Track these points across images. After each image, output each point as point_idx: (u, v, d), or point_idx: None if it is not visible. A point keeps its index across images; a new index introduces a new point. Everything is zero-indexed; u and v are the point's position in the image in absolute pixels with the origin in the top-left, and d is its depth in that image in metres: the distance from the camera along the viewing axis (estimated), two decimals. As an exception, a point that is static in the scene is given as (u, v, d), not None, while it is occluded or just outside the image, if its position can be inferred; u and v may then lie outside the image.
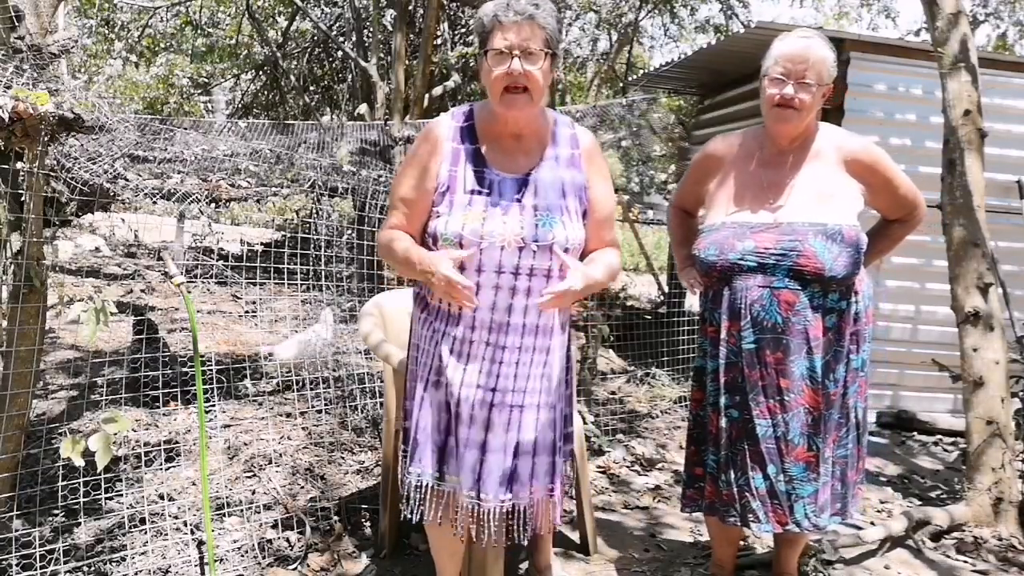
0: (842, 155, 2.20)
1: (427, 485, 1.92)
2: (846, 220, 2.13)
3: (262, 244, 9.57)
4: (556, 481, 1.97)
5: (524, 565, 2.58)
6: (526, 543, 1.91)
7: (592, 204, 1.96)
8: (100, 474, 2.25)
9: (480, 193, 1.84)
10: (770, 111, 2.18)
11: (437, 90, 9.25)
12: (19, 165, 2.14)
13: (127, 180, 2.88)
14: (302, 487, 2.94)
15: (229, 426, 3.48)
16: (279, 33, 11.26)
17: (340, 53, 10.41)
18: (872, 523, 3.09)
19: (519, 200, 1.85)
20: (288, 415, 3.63)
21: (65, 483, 2.44)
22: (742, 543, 2.72)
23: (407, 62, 8.71)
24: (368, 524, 2.81)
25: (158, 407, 3.54)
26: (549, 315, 1.90)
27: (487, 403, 1.87)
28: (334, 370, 3.99)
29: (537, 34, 1.77)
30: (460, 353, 1.87)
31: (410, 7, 9.07)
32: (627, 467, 3.68)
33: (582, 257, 1.96)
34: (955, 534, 3.02)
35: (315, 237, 4.25)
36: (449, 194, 1.86)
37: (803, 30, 2.23)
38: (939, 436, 4.57)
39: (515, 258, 1.82)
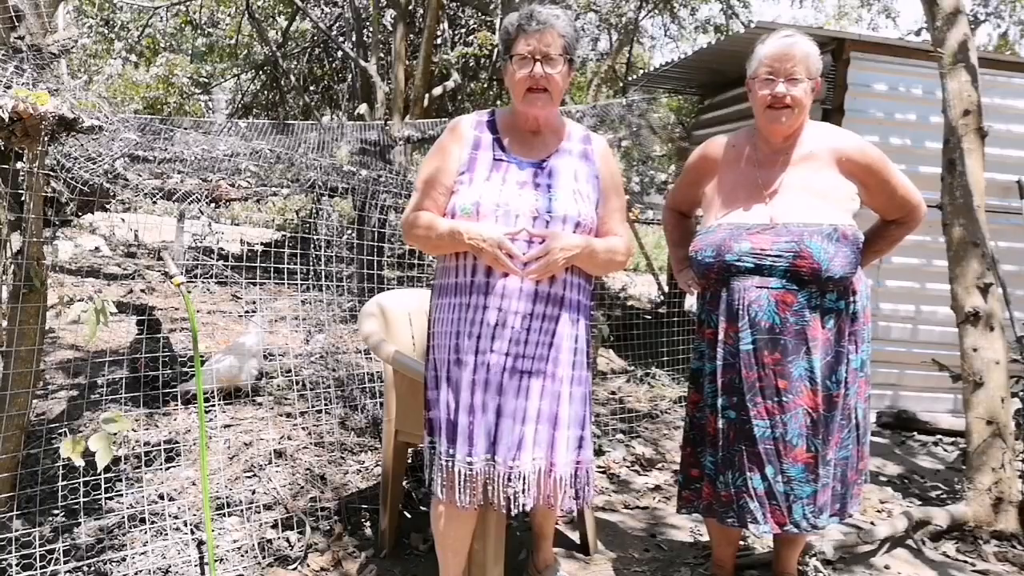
0: (836, 155, 2.20)
1: (461, 465, 1.94)
2: (842, 220, 2.13)
3: (262, 244, 9.57)
4: (556, 456, 1.97)
5: (524, 565, 2.58)
6: (526, 508, 1.94)
7: (603, 195, 2.08)
8: (100, 474, 2.25)
9: (498, 170, 2.00)
10: (764, 112, 2.18)
11: (437, 90, 9.25)
12: (19, 165, 2.15)
13: (127, 180, 2.87)
14: (302, 487, 2.94)
15: (229, 426, 3.48)
16: (279, 33, 11.27)
17: (340, 53, 10.42)
18: (872, 523, 3.09)
19: (535, 178, 2.00)
20: (288, 415, 3.63)
21: (65, 483, 2.44)
22: (742, 543, 2.72)
23: (407, 62, 8.71)
24: (368, 524, 2.81)
25: (158, 407, 3.54)
26: (558, 284, 1.98)
27: (500, 367, 1.93)
28: (334, 370, 3.99)
29: (557, 41, 1.95)
30: (473, 320, 1.95)
31: (410, 7, 9.08)
32: (627, 467, 3.68)
33: None
34: (955, 534, 3.02)
35: (315, 237, 4.24)
36: (469, 172, 2.01)
37: (784, 30, 2.23)
38: (939, 436, 4.57)
39: (529, 228, 1.93)
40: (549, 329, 1.97)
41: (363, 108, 8.89)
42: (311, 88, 11.56)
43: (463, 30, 10.30)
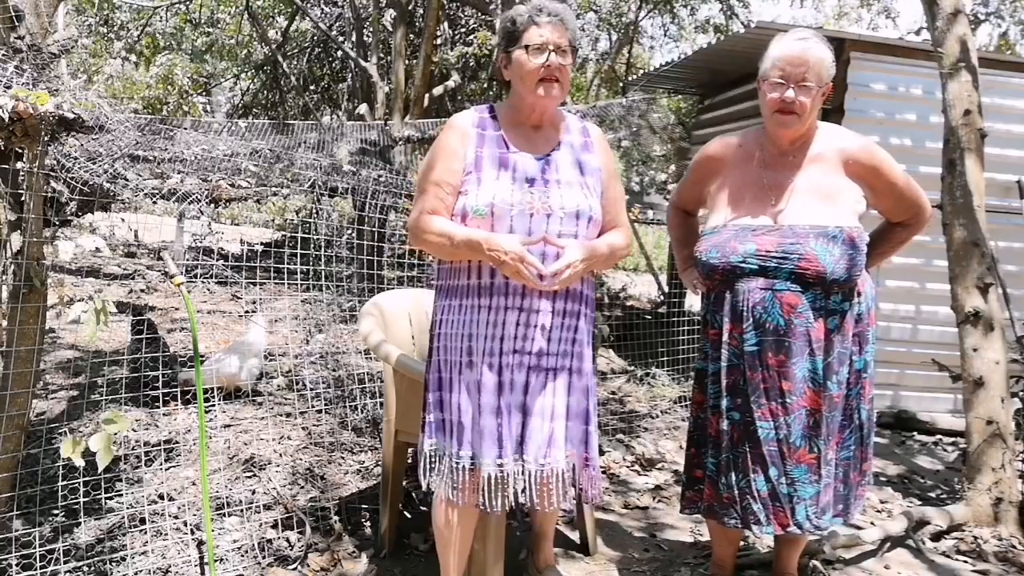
0: (842, 156, 2.19)
1: (467, 468, 1.93)
2: (847, 222, 2.13)
3: (262, 244, 9.57)
4: (591, 451, 2.03)
5: (524, 565, 2.57)
6: (570, 507, 2.02)
7: (605, 186, 2.09)
8: (100, 474, 2.25)
9: (506, 168, 1.98)
10: (771, 116, 2.17)
11: (437, 90, 9.24)
12: (19, 165, 2.14)
13: (127, 180, 2.87)
14: (302, 487, 2.94)
15: (229, 426, 3.48)
16: (279, 33, 11.26)
17: (340, 53, 10.41)
18: (872, 523, 3.09)
19: (543, 174, 2.00)
20: (288, 415, 3.63)
21: (65, 483, 2.44)
22: (743, 543, 2.72)
23: (407, 62, 8.70)
24: (368, 524, 2.81)
25: (158, 407, 3.54)
26: (576, 280, 1.99)
27: (524, 367, 1.94)
28: (334, 370, 3.99)
29: (565, 34, 1.98)
30: (494, 322, 1.94)
31: (410, 7, 9.07)
32: (627, 467, 3.68)
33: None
34: (955, 534, 3.01)
35: (315, 237, 4.24)
36: (476, 172, 1.98)
37: (800, 31, 2.21)
38: (939, 436, 4.57)
39: (543, 225, 1.93)
40: (571, 325, 2.00)
41: (363, 108, 8.88)
42: (311, 88, 11.54)
43: (463, 30, 10.29)
